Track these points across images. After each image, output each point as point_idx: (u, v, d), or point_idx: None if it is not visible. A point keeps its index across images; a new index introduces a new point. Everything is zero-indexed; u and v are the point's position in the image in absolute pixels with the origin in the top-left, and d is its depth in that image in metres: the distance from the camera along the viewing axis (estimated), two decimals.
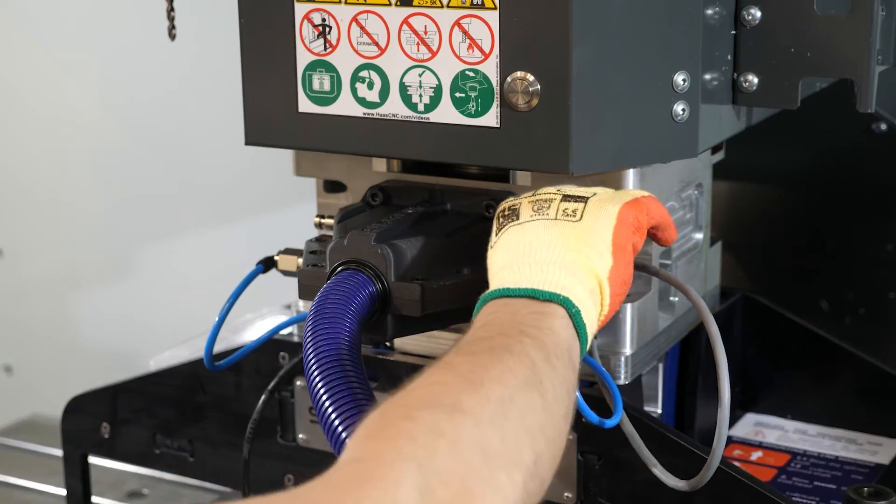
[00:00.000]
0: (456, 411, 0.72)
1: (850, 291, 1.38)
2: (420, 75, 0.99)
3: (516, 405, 0.75)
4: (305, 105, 1.04)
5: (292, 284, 1.05)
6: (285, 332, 1.16)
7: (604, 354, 1.05)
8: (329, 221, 1.13)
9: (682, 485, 0.95)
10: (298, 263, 1.08)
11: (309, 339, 0.88)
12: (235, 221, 1.94)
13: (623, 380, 1.05)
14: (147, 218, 2.01)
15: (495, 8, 0.95)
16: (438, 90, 0.99)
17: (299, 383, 1.16)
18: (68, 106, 2.04)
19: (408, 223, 1.01)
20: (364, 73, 1.01)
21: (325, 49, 1.02)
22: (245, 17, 1.04)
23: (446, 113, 0.99)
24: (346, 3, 1.00)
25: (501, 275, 0.88)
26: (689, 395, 1.19)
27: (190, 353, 1.25)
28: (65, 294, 2.13)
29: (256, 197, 1.90)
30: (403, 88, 1.00)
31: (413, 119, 1.00)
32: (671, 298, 1.14)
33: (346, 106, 1.02)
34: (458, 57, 0.97)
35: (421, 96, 0.99)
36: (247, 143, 1.08)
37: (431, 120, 0.99)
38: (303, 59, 1.03)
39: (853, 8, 0.99)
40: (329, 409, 0.84)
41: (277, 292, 1.25)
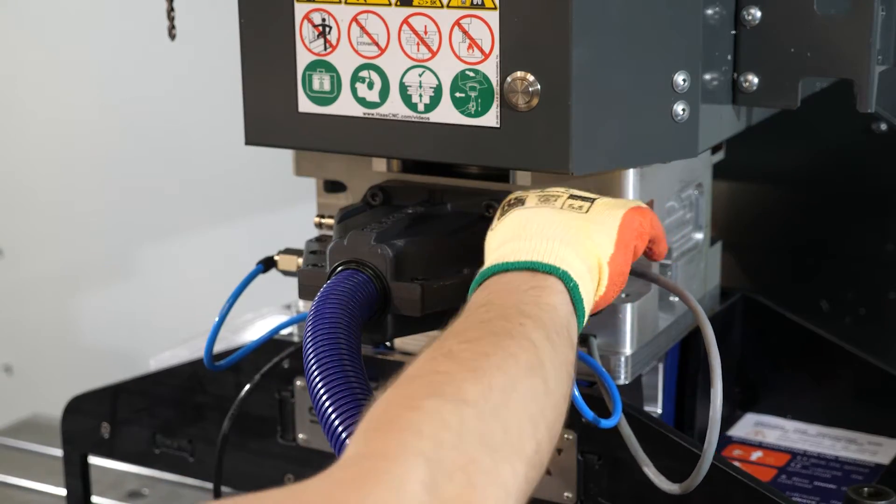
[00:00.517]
0: (460, 402, 0.72)
1: (850, 291, 1.38)
2: (420, 75, 0.99)
3: (519, 393, 0.75)
4: (305, 105, 1.04)
5: (292, 284, 1.05)
6: (285, 332, 1.16)
7: (604, 354, 1.05)
8: (329, 221, 1.12)
9: (675, 488, 0.95)
10: (298, 263, 1.08)
11: (309, 339, 0.88)
12: (235, 221, 1.94)
13: (623, 380, 1.05)
14: (147, 218, 2.01)
15: (495, 8, 0.95)
16: (438, 90, 0.99)
17: (299, 383, 1.16)
18: (68, 106, 2.04)
19: (408, 223, 1.01)
20: (364, 73, 1.01)
21: (325, 49, 1.02)
22: (245, 17, 1.04)
23: (446, 113, 0.99)
24: (346, 3, 1.00)
25: (501, 249, 0.88)
26: (689, 396, 1.18)
27: (190, 353, 1.25)
28: (65, 294, 2.13)
29: (257, 197, 1.90)
30: (403, 88, 1.00)
31: (413, 119, 1.00)
32: (671, 299, 1.13)
33: (346, 106, 1.02)
34: (458, 57, 0.97)
35: (421, 96, 0.99)
36: (247, 143, 1.08)
37: (431, 120, 0.99)
38: (303, 59, 1.03)
39: (853, 8, 0.99)
40: (329, 410, 0.83)
41: (277, 292, 1.25)
